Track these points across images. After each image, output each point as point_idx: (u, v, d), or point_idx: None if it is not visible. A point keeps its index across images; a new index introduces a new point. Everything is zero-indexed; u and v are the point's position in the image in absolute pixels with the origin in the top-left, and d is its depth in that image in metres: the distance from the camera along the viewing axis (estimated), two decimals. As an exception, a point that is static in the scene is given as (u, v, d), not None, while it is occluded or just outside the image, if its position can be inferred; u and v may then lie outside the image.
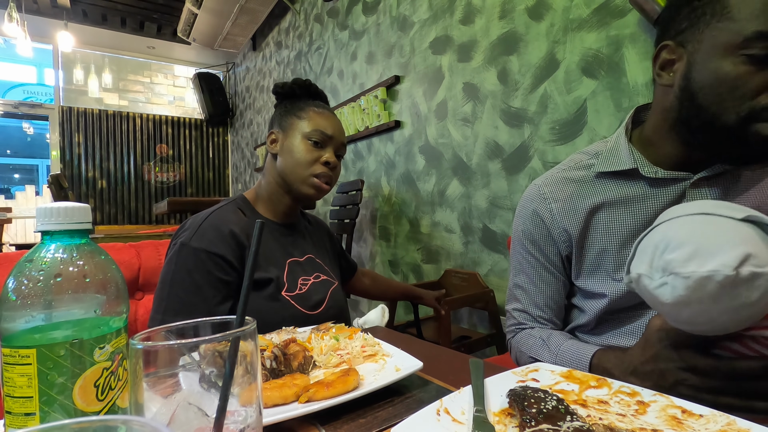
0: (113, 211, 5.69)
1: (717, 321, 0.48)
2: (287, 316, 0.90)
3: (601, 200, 0.74)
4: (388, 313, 0.89)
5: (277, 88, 1.12)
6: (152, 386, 0.32)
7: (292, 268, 1.00)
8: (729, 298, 0.46)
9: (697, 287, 0.47)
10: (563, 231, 0.77)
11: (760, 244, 0.48)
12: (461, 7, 2.26)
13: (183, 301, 0.85)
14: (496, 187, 2.10)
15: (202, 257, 0.88)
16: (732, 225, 0.49)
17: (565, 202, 0.77)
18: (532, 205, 0.81)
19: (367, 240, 3.23)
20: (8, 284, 0.38)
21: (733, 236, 0.48)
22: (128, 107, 6.21)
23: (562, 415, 0.41)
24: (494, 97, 2.09)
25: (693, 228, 0.51)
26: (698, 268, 0.47)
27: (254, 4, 4.38)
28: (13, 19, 3.99)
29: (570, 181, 0.78)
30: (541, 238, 0.80)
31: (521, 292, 0.85)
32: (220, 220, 0.94)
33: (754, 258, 0.46)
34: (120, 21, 5.37)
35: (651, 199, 0.71)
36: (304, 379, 0.57)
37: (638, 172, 0.71)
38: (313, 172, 1.01)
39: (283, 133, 1.05)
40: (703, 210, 0.52)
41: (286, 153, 1.03)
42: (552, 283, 0.81)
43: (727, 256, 0.46)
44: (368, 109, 3.03)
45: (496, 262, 2.11)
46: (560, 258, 0.80)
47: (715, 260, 0.46)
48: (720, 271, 0.45)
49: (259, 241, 0.38)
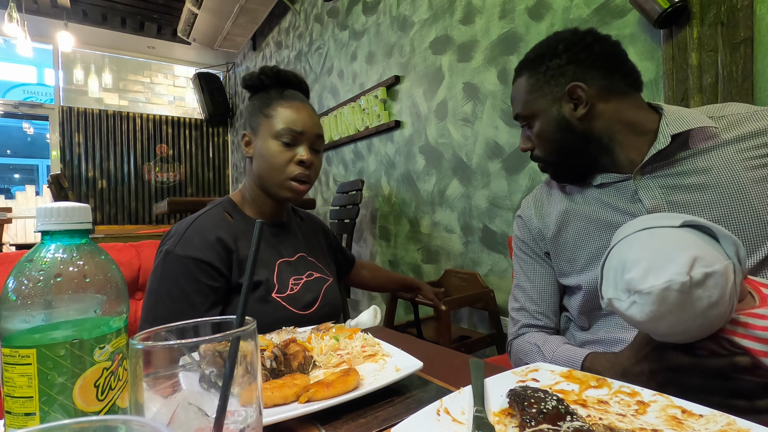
0: (113, 211, 5.69)
1: (693, 327, 0.51)
2: (279, 318, 0.89)
3: (569, 206, 0.85)
4: (380, 314, 0.88)
5: (246, 81, 1.06)
6: (152, 386, 0.32)
7: (282, 269, 0.99)
8: (692, 302, 0.49)
9: (661, 300, 0.50)
10: (539, 231, 0.90)
11: (703, 245, 0.52)
12: (461, 7, 2.26)
13: (171, 310, 0.84)
14: (496, 187, 2.10)
15: (188, 264, 0.87)
16: (673, 233, 0.54)
17: (541, 209, 0.91)
18: (519, 212, 0.96)
19: (367, 240, 3.23)
20: (8, 284, 0.38)
21: (678, 244, 0.52)
22: (128, 107, 6.21)
23: (562, 415, 0.41)
24: (494, 97, 2.09)
25: (641, 244, 0.56)
26: (655, 281, 0.50)
27: (254, 4, 4.38)
28: (13, 19, 3.99)
29: (547, 192, 0.92)
30: (528, 238, 0.93)
31: (519, 290, 0.93)
32: (205, 225, 0.93)
33: (701, 259, 0.50)
34: (120, 21, 5.36)
35: (608, 199, 0.79)
36: (304, 379, 0.57)
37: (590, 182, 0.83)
38: (288, 174, 0.96)
39: (254, 135, 1.00)
40: (645, 225, 0.58)
41: (259, 157, 0.98)
42: (544, 276, 0.90)
43: (677, 264, 0.50)
44: (368, 109, 3.03)
45: (496, 262, 2.11)
46: (544, 253, 0.90)
47: (668, 271, 0.50)
48: (675, 279, 0.49)
49: (259, 241, 0.38)
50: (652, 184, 0.75)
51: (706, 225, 0.54)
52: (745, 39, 1.22)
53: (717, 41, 1.28)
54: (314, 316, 0.97)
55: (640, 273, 0.52)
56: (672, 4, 1.29)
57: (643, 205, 0.74)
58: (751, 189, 0.68)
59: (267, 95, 1.02)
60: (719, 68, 1.27)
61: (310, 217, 1.24)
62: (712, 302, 0.49)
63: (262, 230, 0.38)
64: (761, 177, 0.68)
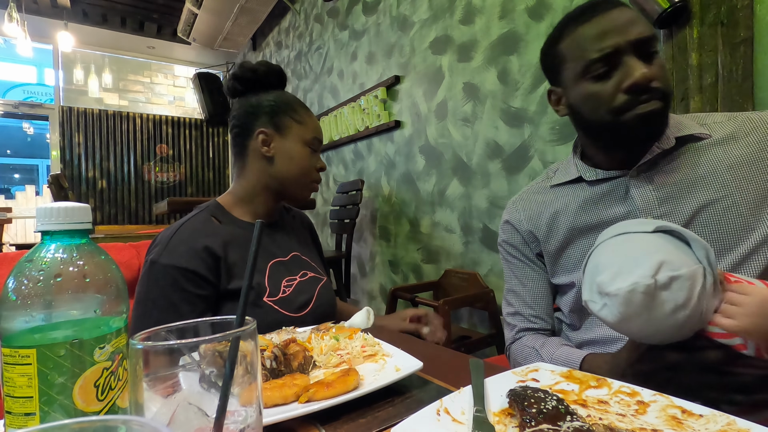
0: (113, 211, 5.68)
1: (663, 329, 0.54)
2: (271, 322, 0.86)
3: (558, 205, 0.86)
4: (373, 316, 0.88)
5: (246, 73, 1.02)
6: (152, 386, 0.32)
7: (275, 270, 0.97)
8: (659, 304, 0.52)
9: (627, 302, 0.53)
10: (530, 233, 0.90)
11: (673, 250, 0.54)
12: (461, 7, 2.26)
13: (158, 320, 0.83)
14: (496, 187, 2.10)
15: (174, 274, 0.85)
16: (645, 239, 0.57)
17: (531, 211, 0.90)
18: (506, 217, 0.95)
19: (367, 240, 3.23)
20: (8, 284, 0.38)
21: (648, 248, 0.55)
22: (128, 107, 6.21)
23: (562, 415, 0.41)
24: (494, 97, 2.09)
25: (615, 249, 0.59)
26: (622, 284, 0.53)
27: (254, 4, 4.38)
28: (13, 19, 3.99)
29: (535, 194, 0.92)
30: (517, 242, 0.93)
31: (512, 295, 0.93)
32: (190, 232, 0.91)
33: (669, 264, 0.52)
34: (120, 21, 5.36)
35: (600, 197, 0.81)
36: (304, 379, 0.56)
37: (582, 178, 0.83)
38: (312, 178, 1.03)
39: (279, 135, 1.00)
40: (620, 231, 0.60)
41: (286, 159, 0.99)
42: (537, 279, 0.90)
43: (644, 268, 0.52)
44: (368, 109, 3.03)
45: (496, 262, 2.11)
46: (535, 255, 0.91)
47: (634, 274, 0.53)
48: (640, 282, 0.52)
49: (259, 241, 0.38)
50: (644, 183, 0.76)
51: (678, 230, 0.56)
52: (745, 39, 1.22)
53: (717, 41, 1.28)
54: (308, 317, 0.96)
55: (609, 276, 0.55)
56: (672, 4, 1.30)
57: (634, 203, 0.76)
58: (735, 189, 0.70)
59: (284, 96, 1.03)
60: (719, 68, 1.28)
61: (300, 216, 1.23)
62: (678, 305, 0.51)
63: (262, 230, 0.38)
64: (744, 176, 0.70)
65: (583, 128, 0.82)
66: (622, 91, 0.70)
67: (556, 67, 0.81)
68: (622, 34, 0.69)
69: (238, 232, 0.96)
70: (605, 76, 0.72)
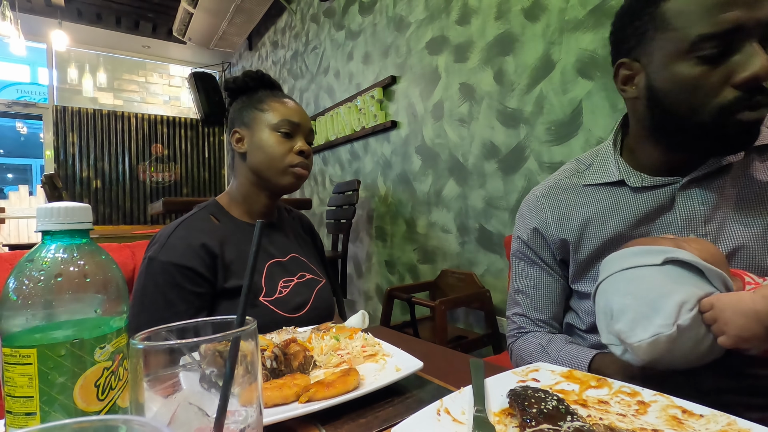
0: (108, 211, 5.65)
1: (691, 358, 0.53)
2: (267, 322, 0.87)
3: (594, 210, 0.76)
4: (368, 318, 0.88)
5: (229, 83, 1.06)
6: (152, 386, 0.32)
7: (272, 271, 0.97)
8: (683, 343, 0.51)
9: (652, 350, 0.52)
10: (558, 239, 0.80)
11: (686, 284, 0.52)
12: (457, 7, 2.27)
13: (155, 317, 0.84)
14: (492, 187, 2.10)
15: (172, 271, 0.86)
16: (656, 275, 0.54)
17: (560, 213, 0.80)
18: (530, 215, 0.84)
19: (363, 240, 3.22)
20: (9, 284, 0.37)
21: (662, 288, 0.52)
22: (123, 107, 6.18)
23: (562, 415, 0.41)
24: (490, 98, 2.10)
25: (626, 288, 0.55)
26: (643, 335, 0.51)
27: (250, 4, 4.36)
28: (7, 18, 3.96)
29: (565, 191, 0.81)
30: (539, 246, 0.83)
31: (522, 296, 0.86)
32: (189, 230, 0.92)
33: (687, 303, 0.50)
34: (115, 20, 5.33)
35: (640, 206, 0.72)
36: (305, 379, 0.56)
37: (625, 182, 0.73)
38: (290, 162, 0.97)
39: (248, 130, 1.00)
40: (626, 264, 0.57)
41: (256, 149, 0.98)
42: (553, 288, 0.83)
43: (663, 314, 0.50)
44: (364, 109, 3.03)
45: (492, 262, 2.12)
46: (557, 262, 0.83)
47: (654, 323, 0.51)
48: (663, 333, 0.50)
49: (260, 241, 0.38)
50: (692, 196, 0.68)
51: (689, 261, 0.53)
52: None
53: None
54: (303, 318, 0.95)
55: (627, 325, 0.53)
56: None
57: (676, 215, 0.68)
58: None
59: (256, 94, 1.04)
60: None
61: (302, 219, 1.22)
62: (698, 338, 0.51)
63: (262, 230, 0.38)
64: None
65: (654, 120, 0.67)
66: (733, 84, 0.56)
67: (643, 34, 0.64)
68: (751, 9, 0.54)
69: (235, 231, 0.97)
70: (714, 59, 0.57)
